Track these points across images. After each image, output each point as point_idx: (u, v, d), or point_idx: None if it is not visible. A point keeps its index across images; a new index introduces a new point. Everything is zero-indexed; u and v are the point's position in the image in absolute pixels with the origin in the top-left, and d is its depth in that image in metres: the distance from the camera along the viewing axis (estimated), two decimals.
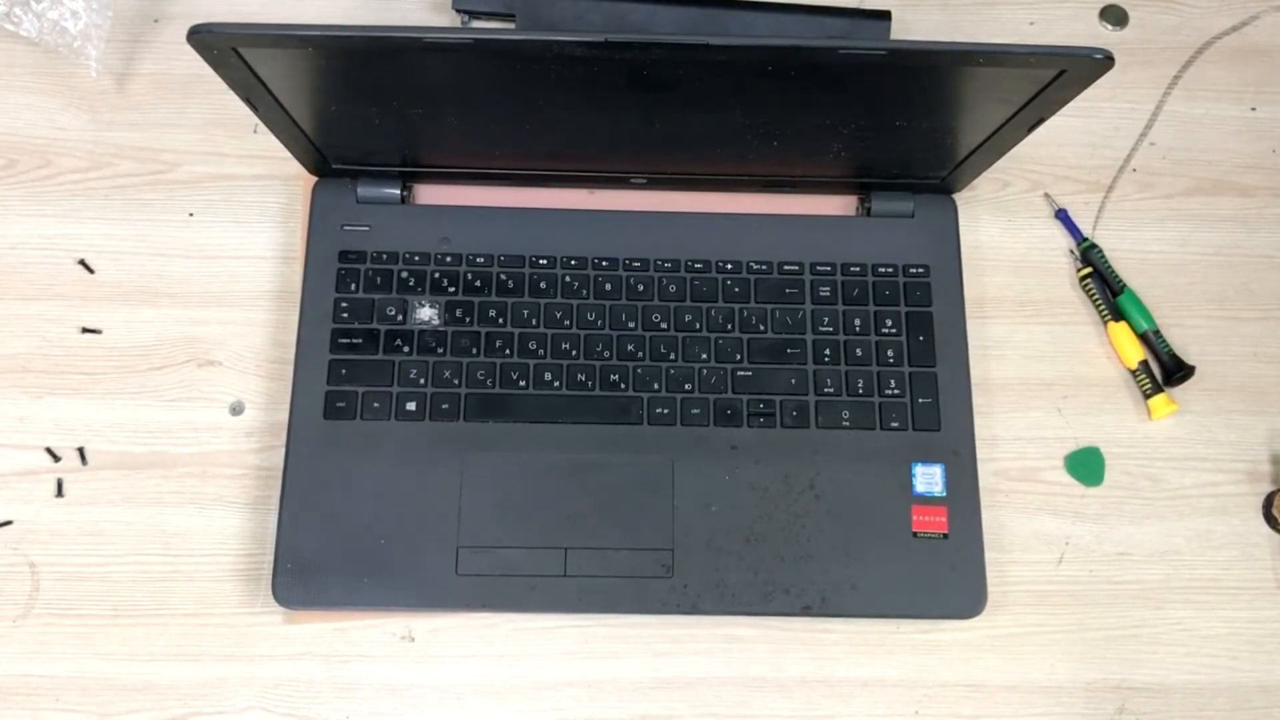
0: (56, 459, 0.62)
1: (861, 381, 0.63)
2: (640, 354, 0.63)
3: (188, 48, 0.49)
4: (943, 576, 0.60)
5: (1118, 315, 0.67)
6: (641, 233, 0.66)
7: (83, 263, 0.66)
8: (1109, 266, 0.67)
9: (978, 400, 0.64)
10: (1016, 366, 0.66)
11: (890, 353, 0.64)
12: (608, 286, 0.65)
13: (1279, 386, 0.66)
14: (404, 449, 0.61)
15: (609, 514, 0.60)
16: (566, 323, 0.64)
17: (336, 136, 0.61)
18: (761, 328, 0.64)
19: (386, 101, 0.57)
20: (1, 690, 0.59)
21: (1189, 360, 0.66)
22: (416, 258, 0.65)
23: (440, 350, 0.63)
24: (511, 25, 0.70)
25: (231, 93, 0.54)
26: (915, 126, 0.59)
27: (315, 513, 0.60)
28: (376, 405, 0.62)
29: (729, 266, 0.65)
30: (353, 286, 0.64)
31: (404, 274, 0.64)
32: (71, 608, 0.60)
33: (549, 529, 0.60)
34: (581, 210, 0.67)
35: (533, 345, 0.63)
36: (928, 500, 0.61)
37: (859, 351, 0.64)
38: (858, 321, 0.64)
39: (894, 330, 0.64)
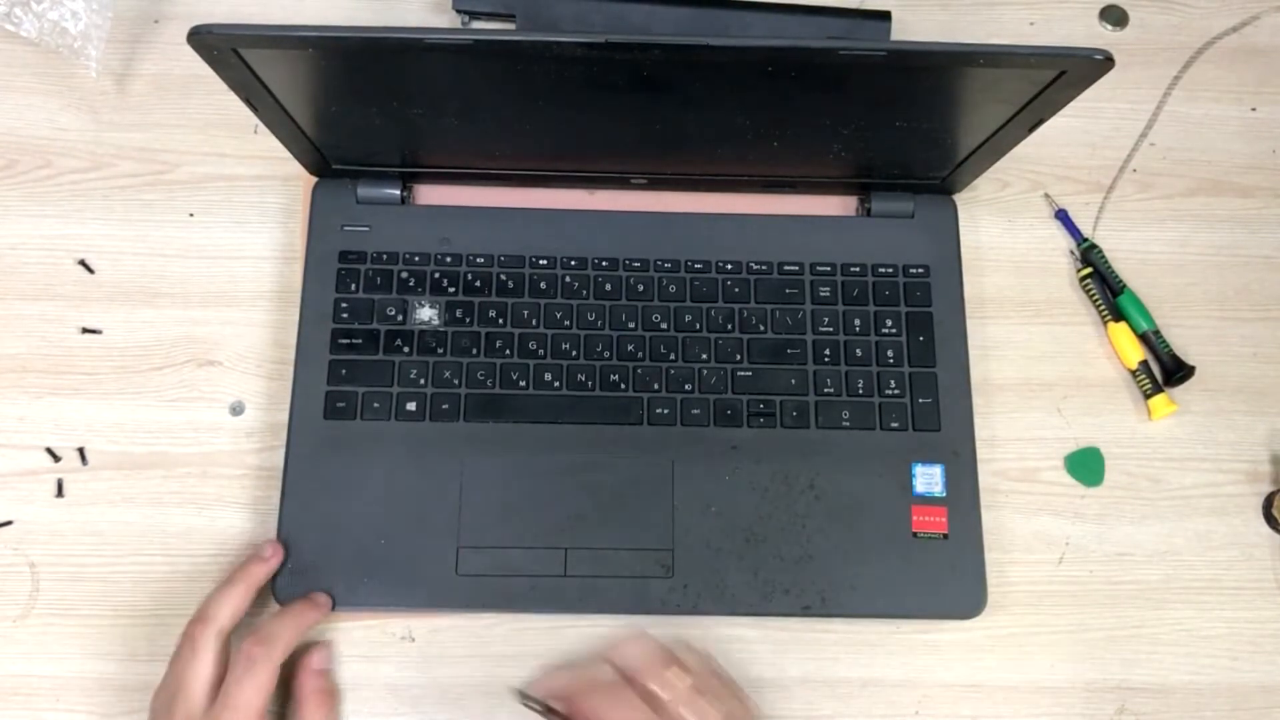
0: (56, 459, 0.62)
1: (861, 382, 0.63)
2: (640, 354, 0.63)
3: (188, 48, 0.49)
4: (943, 577, 0.60)
5: (1118, 315, 0.67)
6: (641, 233, 0.66)
7: (83, 263, 0.66)
8: (1109, 267, 0.67)
9: (978, 400, 0.64)
10: (1016, 366, 0.66)
11: (890, 353, 0.64)
12: (608, 287, 0.65)
13: (1279, 387, 0.66)
14: (404, 449, 0.61)
15: (609, 514, 0.60)
16: (566, 323, 0.64)
17: (336, 136, 0.61)
18: (761, 328, 0.64)
19: (386, 102, 0.57)
20: (1, 690, 0.59)
21: (1189, 360, 0.66)
22: (416, 258, 0.65)
23: (440, 350, 0.63)
24: (511, 26, 0.70)
25: (231, 93, 0.54)
26: (915, 127, 0.59)
27: (315, 513, 0.60)
28: (376, 405, 0.62)
29: (729, 266, 0.65)
30: (353, 287, 0.64)
31: (404, 274, 0.64)
32: (71, 608, 0.60)
33: (549, 529, 0.60)
34: (581, 210, 0.67)
35: (533, 345, 0.63)
36: (928, 500, 0.61)
37: (859, 352, 0.64)
38: (858, 322, 0.65)
39: (894, 330, 0.64)
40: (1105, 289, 0.67)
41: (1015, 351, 0.67)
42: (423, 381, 0.62)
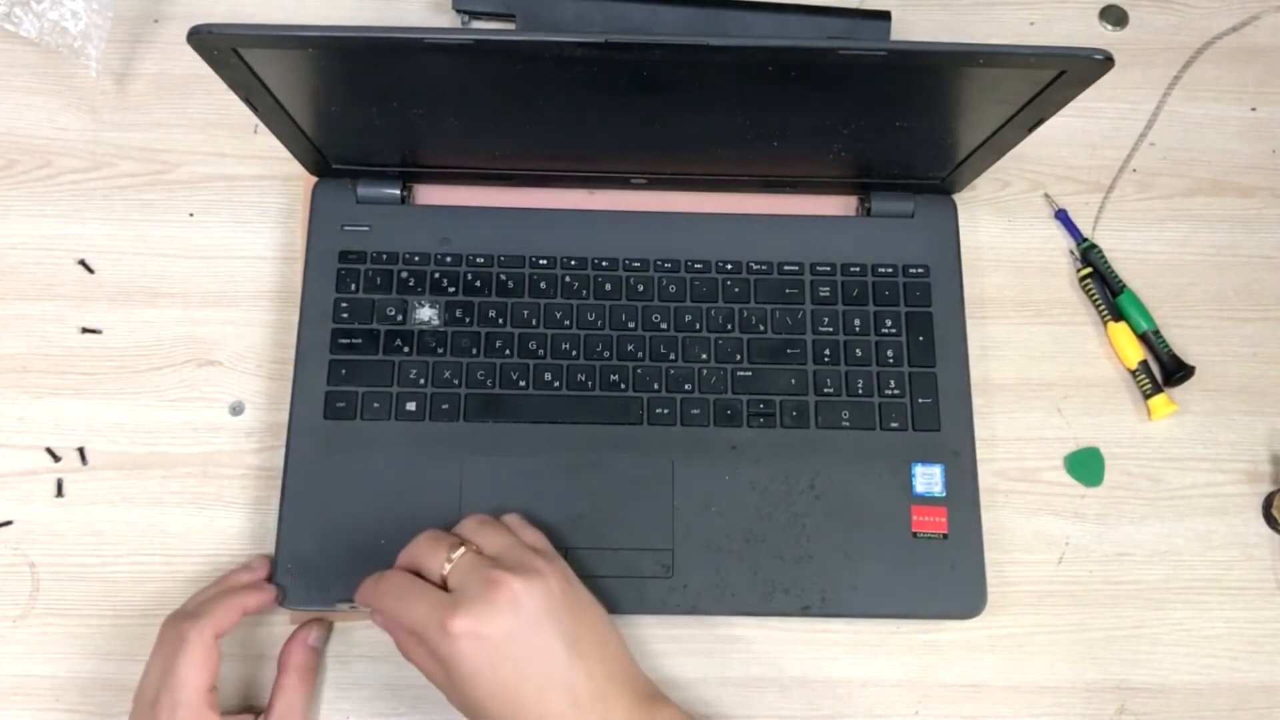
0: (56, 459, 0.62)
1: (861, 382, 0.63)
2: (640, 354, 0.63)
3: (188, 48, 0.49)
4: (943, 577, 0.60)
5: (1118, 315, 0.67)
6: (641, 233, 0.66)
7: (83, 263, 0.66)
8: (1109, 267, 0.67)
9: (978, 400, 0.64)
10: (1016, 366, 0.66)
11: (890, 353, 0.64)
12: (608, 287, 0.65)
13: (1279, 386, 0.66)
14: (404, 449, 0.61)
15: (609, 514, 0.60)
16: (566, 323, 0.64)
17: (336, 136, 0.61)
18: (761, 328, 0.64)
19: (386, 101, 0.57)
20: (1, 690, 0.59)
21: (1189, 360, 0.66)
22: (416, 258, 0.65)
23: (440, 350, 0.63)
24: (511, 26, 0.70)
25: (231, 93, 0.54)
26: (915, 127, 0.59)
27: (315, 513, 0.60)
28: (376, 405, 0.62)
29: (729, 266, 0.65)
30: (353, 286, 0.64)
31: (404, 274, 0.64)
32: (71, 608, 0.60)
33: (549, 529, 0.59)
34: (581, 210, 0.67)
35: (533, 345, 0.63)
36: (928, 500, 0.61)
37: (859, 352, 0.64)
38: (857, 322, 0.65)
39: (894, 330, 0.64)
40: (1105, 289, 0.67)
41: (1015, 351, 0.67)
42: (423, 381, 0.62)
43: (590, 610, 0.53)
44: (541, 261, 0.65)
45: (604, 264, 0.65)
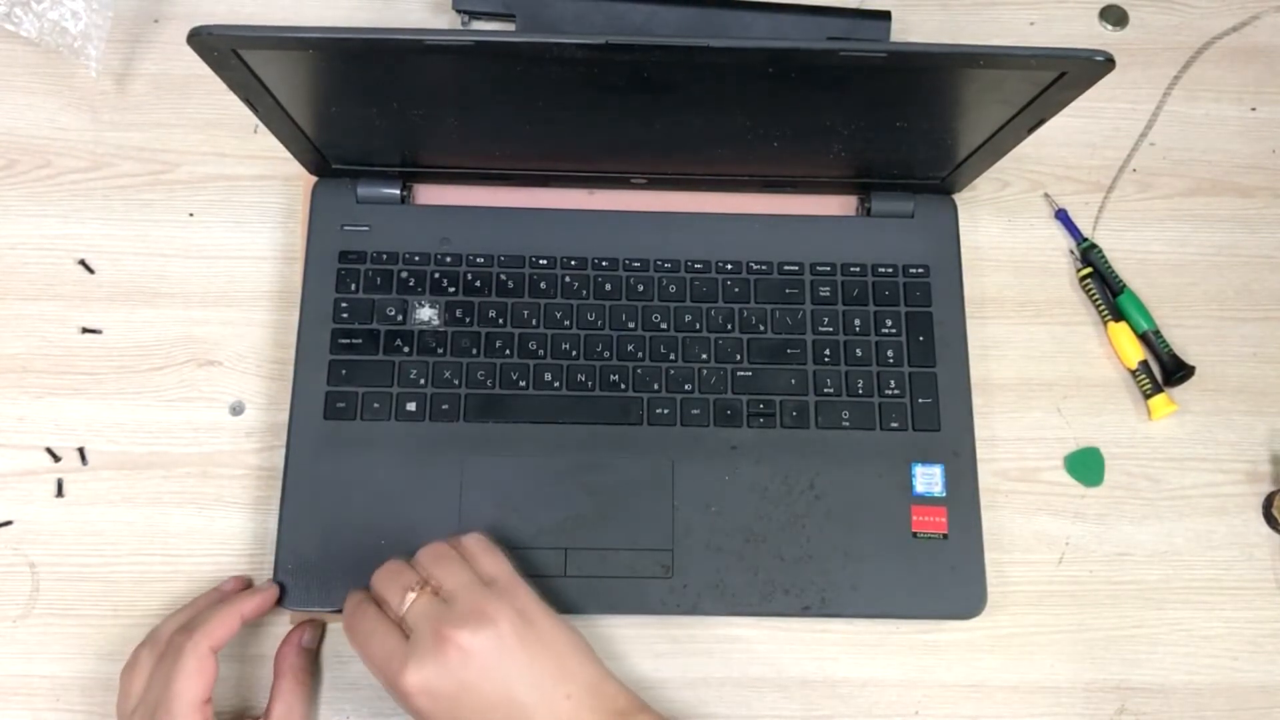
0: (56, 459, 0.62)
1: (861, 382, 0.63)
2: (640, 354, 0.63)
3: (188, 48, 0.49)
4: (943, 577, 0.60)
5: (1118, 315, 0.67)
6: (641, 233, 0.66)
7: (83, 263, 0.66)
8: (1109, 267, 0.67)
9: (978, 400, 0.64)
10: (1016, 366, 0.66)
11: (890, 353, 0.64)
12: (608, 287, 0.65)
13: (1279, 386, 0.66)
14: (404, 449, 0.61)
15: (609, 514, 0.60)
16: (566, 323, 0.64)
17: (336, 136, 0.61)
18: (761, 328, 0.64)
19: (386, 102, 0.57)
20: (1, 690, 0.59)
21: (1189, 360, 0.66)
22: (416, 258, 0.65)
23: (440, 350, 0.63)
24: (512, 26, 0.70)
25: (231, 93, 0.54)
26: (915, 127, 0.59)
27: (315, 513, 0.60)
28: (376, 406, 0.62)
29: (729, 266, 0.65)
30: (353, 287, 0.64)
31: (404, 274, 0.64)
32: (71, 608, 0.60)
33: (549, 529, 0.60)
34: (581, 210, 0.67)
35: (533, 345, 0.63)
36: (928, 501, 0.61)
37: (859, 352, 0.64)
38: (857, 322, 0.65)
39: (894, 330, 0.64)
40: (1105, 289, 0.67)
41: (1015, 351, 0.67)
42: (423, 382, 0.62)
43: (552, 639, 0.52)
44: (541, 261, 0.65)
45: (604, 264, 0.65)
